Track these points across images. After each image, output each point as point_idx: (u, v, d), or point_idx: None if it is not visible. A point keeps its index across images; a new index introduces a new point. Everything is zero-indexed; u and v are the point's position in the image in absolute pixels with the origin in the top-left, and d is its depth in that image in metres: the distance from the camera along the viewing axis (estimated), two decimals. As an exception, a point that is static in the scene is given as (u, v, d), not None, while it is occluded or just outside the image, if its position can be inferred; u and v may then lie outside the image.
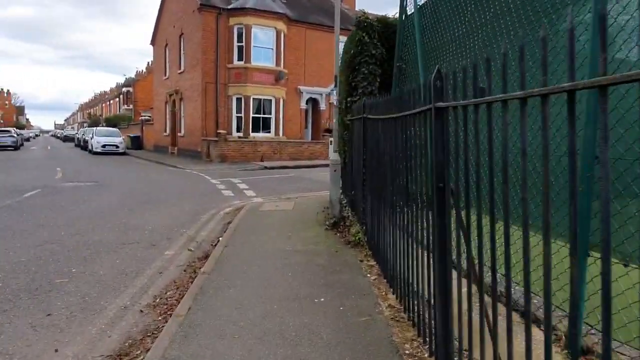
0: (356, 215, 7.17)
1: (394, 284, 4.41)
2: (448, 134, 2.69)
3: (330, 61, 27.21)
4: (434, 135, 2.76)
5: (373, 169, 5.55)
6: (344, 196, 8.20)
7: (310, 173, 18.05)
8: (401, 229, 4.10)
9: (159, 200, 10.84)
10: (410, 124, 3.58)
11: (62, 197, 10.83)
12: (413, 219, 3.72)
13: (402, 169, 3.95)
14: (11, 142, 34.97)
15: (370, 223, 5.82)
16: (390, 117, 4.22)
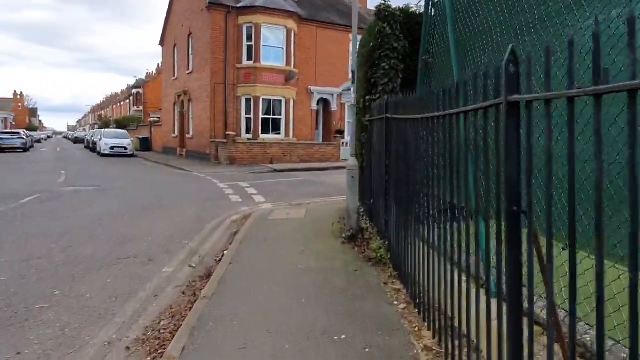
0: (376, 227, 6.42)
1: (429, 317, 3.66)
2: (527, 138, 1.94)
3: (342, 60, 26.54)
4: (505, 140, 2.01)
5: (399, 177, 4.81)
6: (361, 204, 7.46)
7: (322, 176, 17.33)
8: (440, 252, 3.35)
9: (162, 206, 10.18)
10: (457, 125, 2.85)
11: (61, 203, 10.22)
12: (459, 244, 2.98)
13: (443, 179, 3.21)
14: (20, 144, 34.72)
15: (395, 238, 5.08)
16: (427, 117, 3.47)
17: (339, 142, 23.89)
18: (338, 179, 16.02)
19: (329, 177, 17.04)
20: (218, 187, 13.60)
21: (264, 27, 23.28)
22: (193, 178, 16.56)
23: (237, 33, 23.43)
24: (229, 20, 23.19)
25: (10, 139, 34.73)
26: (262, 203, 10.97)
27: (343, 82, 26.45)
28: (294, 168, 20.10)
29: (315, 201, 11.23)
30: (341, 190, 13.18)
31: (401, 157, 4.67)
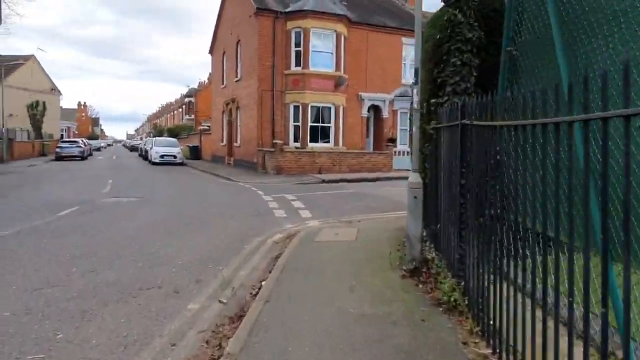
0: (444, 259, 5.22)
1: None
2: None
3: (394, 65, 25.31)
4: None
5: (484, 201, 3.63)
6: (423, 229, 6.26)
7: (373, 188, 16.15)
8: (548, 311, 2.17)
9: (202, 221, 9.40)
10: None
11: (98, 217, 9.68)
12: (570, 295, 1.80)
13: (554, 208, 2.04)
14: (78, 152, 35.85)
15: (475, 280, 3.90)
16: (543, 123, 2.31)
17: (391, 151, 22.61)
18: (391, 191, 14.82)
19: (381, 188, 15.85)
20: (262, 200, 12.76)
21: (312, 31, 22.49)
22: (238, 189, 15.86)
23: (285, 39, 22.78)
24: (277, 25, 22.59)
25: (69, 147, 35.94)
26: (308, 219, 9.98)
27: (395, 88, 25.23)
28: (344, 178, 19.05)
29: (367, 218, 10.10)
30: (395, 204, 11.99)
31: (488, 175, 3.50)
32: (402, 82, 25.59)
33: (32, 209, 10.52)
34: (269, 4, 23.10)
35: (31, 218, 9.42)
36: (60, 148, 35.61)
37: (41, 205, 11.15)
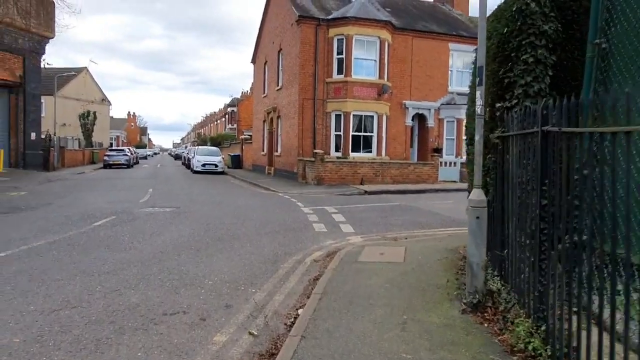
0: (513, 292, 4.37)
1: None
2: None
3: (440, 72, 24.30)
4: None
5: (576, 224, 2.82)
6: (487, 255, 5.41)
7: (419, 201, 15.23)
8: None
9: (236, 236, 8.87)
10: None
11: (131, 228, 9.35)
12: None
13: None
14: (124, 161, 36.69)
15: (562, 323, 3.07)
16: None
17: (437, 161, 21.55)
18: (438, 205, 13.89)
19: (428, 201, 14.91)
20: (302, 212, 12.15)
21: (355, 38, 21.88)
22: (277, 200, 15.35)
23: (327, 46, 22.29)
24: (319, 33, 22.14)
25: (116, 155, 36.87)
26: (350, 235, 9.27)
27: (441, 96, 24.23)
28: (387, 190, 18.20)
29: (415, 234, 9.28)
30: (444, 220, 11.08)
31: (584, 195, 2.70)
32: (449, 89, 24.52)
33: (70, 218, 10.36)
34: (311, 12, 22.73)
35: (67, 228, 9.20)
36: (108, 156, 36.60)
37: (80, 214, 11.00)
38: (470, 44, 24.67)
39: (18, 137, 26.32)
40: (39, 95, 27.43)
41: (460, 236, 8.56)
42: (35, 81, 26.97)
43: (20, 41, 25.53)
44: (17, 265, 6.45)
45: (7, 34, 24.48)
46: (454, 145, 24.25)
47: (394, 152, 23.36)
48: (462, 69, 24.98)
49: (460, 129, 24.08)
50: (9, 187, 17.22)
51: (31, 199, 13.96)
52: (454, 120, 24.22)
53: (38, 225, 9.53)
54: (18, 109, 26.25)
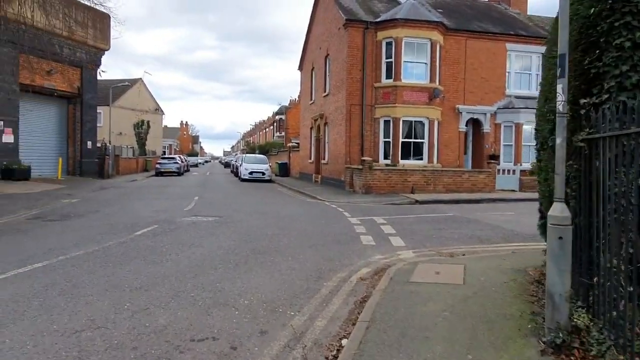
0: (608, 330, 3.51)
1: None
2: None
3: (497, 74, 22.98)
4: None
5: None
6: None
7: (475, 211, 14.16)
8: None
9: (278, 248, 8.34)
10: None
11: (171, 239, 9.04)
12: None
13: None
14: (175, 169, 37.42)
15: None
16: None
17: (494, 169, 20.23)
18: (498, 216, 12.81)
19: (485, 212, 13.82)
20: (349, 223, 11.49)
21: (405, 41, 21.06)
22: (323, 209, 14.77)
23: (375, 50, 21.59)
24: (367, 37, 21.49)
25: (167, 164, 37.69)
26: (400, 249, 8.50)
27: (498, 100, 22.90)
28: (439, 199, 17.19)
29: (474, 249, 8.38)
30: (506, 234, 10.07)
31: None
32: (506, 92, 23.12)
33: (114, 227, 10.24)
34: (359, 15, 22.14)
35: (108, 237, 9.03)
36: (159, 164, 37.48)
37: (124, 223, 10.89)
38: (530, 43, 23.23)
39: (75, 146, 27.36)
40: (95, 105, 28.46)
41: (527, 253, 7.62)
42: (92, 92, 27.99)
43: (78, 53, 26.58)
44: (51, 277, 6.20)
45: (65, 46, 25.55)
46: (512, 151, 22.77)
47: (446, 160, 22.24)
48: (521, 70, 23.52)
49: (519, 135, 22.64)
50: (64, 195, 17.68)
51: (81, 207, 14.14)
52: (512, 125, 22.76)
53: (81, 234, 9.43)
54: (75, 118, 27.32)
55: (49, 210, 13.18)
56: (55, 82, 25.30)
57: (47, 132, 26.43)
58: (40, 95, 25.30)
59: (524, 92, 23.43)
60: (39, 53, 23.57)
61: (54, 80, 25.24)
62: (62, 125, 27.25)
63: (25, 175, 22.66)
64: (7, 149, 22.51)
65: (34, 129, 25.34)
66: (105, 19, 28.04)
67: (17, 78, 22.85)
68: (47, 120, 26.36)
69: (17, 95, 22.91)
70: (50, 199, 16.21)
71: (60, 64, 25.50)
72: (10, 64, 22.36)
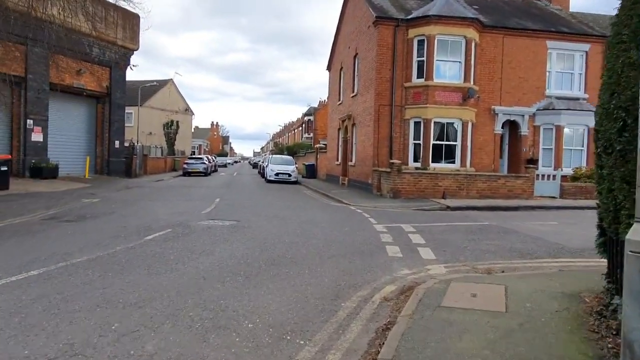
0: None
1: None
2: None
3: (536, 73, 21.66)
4: None
5: None
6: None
7: (513, 220, 13.09)
8: None
9: (295, 259, 7.61)
10: None
11: (182, 245, 8.45)
12: None
13: None
14: (202, 169, 37.30)
15: None
16: None
17: (532, 174, 18.96)
18: (538, 226, 11.73)
19: (524, 221, 12.72)
20: (374, 231, 10.67)
21: (438, 39, 20.05)
22: (347, 214, 13.98)
23: (406, 48, 20.66)
24: (398, 34, 20.58)
25: (194, 164, 37.62)
26: (430, 262, 7.64)
27: (537, 100, 21.59)
28: (472, 206, 16.13)
29: (513, 265, 7.44)
30: (550, 247, 9.03)
31: None
32: (546, 93, 21.75)
33: (125, 230, 9.76)
34: (390, 12, 21.26)
35: (117, 242, 8.52)
36: (187, 164, 37.46)
37: (137, 225, 10.40)
38: (572, 40, 21.83)
39: (103, 145, 27.46)
40: (123, 105, 28.53)
41: (578, 273, 6.65)
42: (120, 91, 28.06)
43: (107, 53, 26.66)
44: (43, 288, 5.65)
45: (95, 46, 25.65)
46: (552, 155, 21.40)
47: (480, 163, 21.07)
48: (563, 69, 22.11)
49: (559, 138, 21.27)
50: (87, 194, 17.51)
51: (100, 207, 13.82)
52: (552, 128, 21.39)
53: (90, 237, 8.96)
54: (104, 118, 27.42)
55: (66, 210, 12.89)
56: (84, 81, 25.43)
57: (76, 131, 26.62)
58: (70, 94, 25.48)
59: (565, 93, 22.03)
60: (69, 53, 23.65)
61: (84, 79, 25.37)
62: (91, 124, 27.40)
63: (53, 173, 22.78)
64: (37, 147, 22.68)
65: (63, 127, 25.54)
66: (135, 19, 28.09)
67: (48, 77, 23.01)
68: (76, 120, 26.55)
69: (47, 94, 23.07)
70: (72, 198, 16.03)
71: (89, 64, 25.61)
72: (41, 63, 22.55)
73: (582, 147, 21.77)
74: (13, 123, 22.06)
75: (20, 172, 22.00)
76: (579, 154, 21.77)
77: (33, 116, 22.41)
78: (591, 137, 21.61)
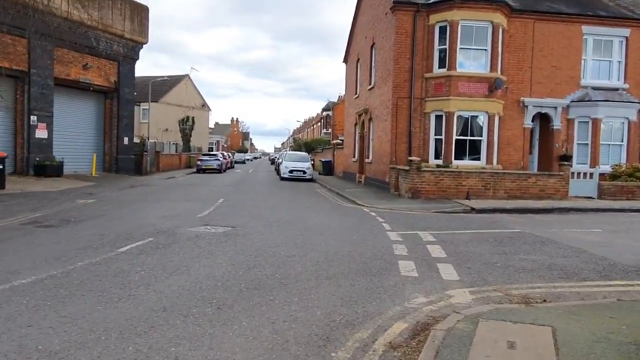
0: None
1: None
2: None
3: (571, 62, 19.74)
4: None
5: None
6: None
7: (549, 226, 11.49)
8: None
9: (285, 280, 6.26)
10: None
11: (155, 260, 7.20)
12: None
13: None
14: (216, 166, 36.33)
15: None
16: None
17: (567, 172, 17.18)
18: (579, 234, 10.13)
19: (561, 228, 11.12)
20: (387, 240, 9.26)
21: (461, 24, 18.39)
22: (359, 218, 12.58)
23: (427, 36, 19.06)
24: (418, 21, 18.99)
25: (208, 160, 36.69)
26: (452, 285, 6.20)
27: (571, 91, 19.74)
28: (500, 207, 14.53)
29: (556, 290, 5.95)
30: (598, 264, 7.44)
31: None
32: (582, 83, 19.86)
33: (101, 239, 8.58)
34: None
35: (84, 255, 7.33)
36: (200, 161, 36.57)
37: (118, 233, 9.23)
38: (611, 25, 19.87)
39: (112, 142, 26.65)
40: (132, 100, 27.66)
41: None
42: (129, 86, 27.18)
43: (115, 47, 25.78)
44: (-45, 324, 4.46)
45: (102, 40, 24.77)
46: (588, 151, 19.53)
47: (507, 160, 19.36)
48: (601, 57, 20.14)
49: (596, 132, 19.38)
50: (85, 194, 16.55)
51: (91, 209, 12.77)
52: (589, 121, 19.50)
53: (56, 248, 7.79)
54: (112, 113, 26.59)
55: (53, 213, 11.85)
56: (91, 76, 24.59)
57: (84, 128, 25.84)
58: (76, 89, 24.70)
59: (602, 83, 20.08)
60: (74, 47, 22.86)
61: (90, 74, 24.54)
62: (99, 120, 26.60)
63: (58, 171, 22.00)
64: (41, 144, 21.93)
65: (70, 124, 24.78)
66: (144, 11, 27.16)
67: (52, 72, 22.22)
68: (83, 115, 25.76)
69: (52, 89, 22.27)
70: (67, 198, 15.06)
71: (96, 58, 24.79)
72: (45, 57, 21.74)
73: (621, 142, 19.82)
74: (17, 119, 21.32)
75: (25, 169, 21.27)
76: (618, 149, 19.84)
77: (37, 112, 21.64)
78: (632, 130, 19.67)
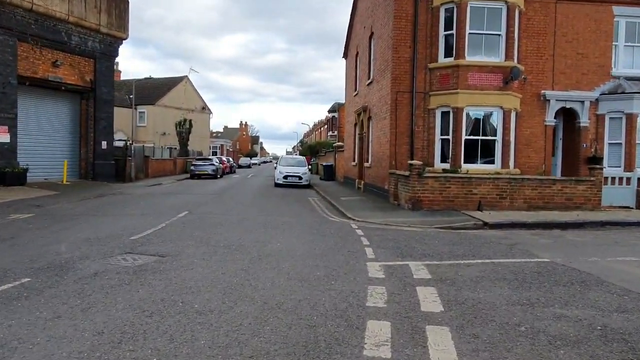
0: None
1: None
2: None
3: (599, 49, 16.86)
4: None
5: None
6: None
7: (587, 249, 8.80)
8: None
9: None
10: None
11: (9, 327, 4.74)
12: None
13: None
14: (211, 171, 34.19)
15: None
16: None
17: (599, 177, 14.40)
18: (632, 270, 7.37)
19: (605, 255, 8.39)
20: (363, 276, 6.68)
21: (471, 5, 15.77)
22: (339, 239, 10.00)
23: (431, 20, 16.47)
24: (420, 3, 16.42)
25: (202, 165, 34.49)
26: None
27: (601, 83, 16.92)
28: (519, 221, 11.84)
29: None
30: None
31: None
32: (613, 72, 17.06)
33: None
34: (410, -24, 17.08)
35: None
36: (194, 166, 34.40)
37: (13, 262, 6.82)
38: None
39: (88, 146, 24.48)
40: (110, 101, 25.44)
41: None
42: (107, 86, 24.99)
43: (90, 43, 23.61)
44: None
45: (75, 34, 22.61)
46: (622, 152, 16.69)
47: (526, 163, 16.63)
48: (635, 42, 17.32)
49: (631, 129, 16.55)
50: (30, 206, 14.27)
51: (11, 227, 10.43)
52: (622, 117, 16.68)
53: None
54: (89, 115, 24.42)
55: (-41, 234, 9.51)
56: (62, 74, 22.43)
57: (57, 131, 23.67)
58: (46, 89, 22.55)
59: (637, 72, 17.24)
60: (41, 42, 20.72)
61: (62, 72, 22.37)
62: (75, 123, 24.44)
63: (21, 179, 19.83)
64: (2, 149, 19.77)
65: (39, 127, 22.65)
66: (123, 4, 24.99)
67: (15, 69, 20.07)
68: (55, 117, 23.60)
69: (15, 88, 20.13)
70: (2, 211, 12.78)
71: (68, 55, 22.62)
72: (6, 53, 19.61)
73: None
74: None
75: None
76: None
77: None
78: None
